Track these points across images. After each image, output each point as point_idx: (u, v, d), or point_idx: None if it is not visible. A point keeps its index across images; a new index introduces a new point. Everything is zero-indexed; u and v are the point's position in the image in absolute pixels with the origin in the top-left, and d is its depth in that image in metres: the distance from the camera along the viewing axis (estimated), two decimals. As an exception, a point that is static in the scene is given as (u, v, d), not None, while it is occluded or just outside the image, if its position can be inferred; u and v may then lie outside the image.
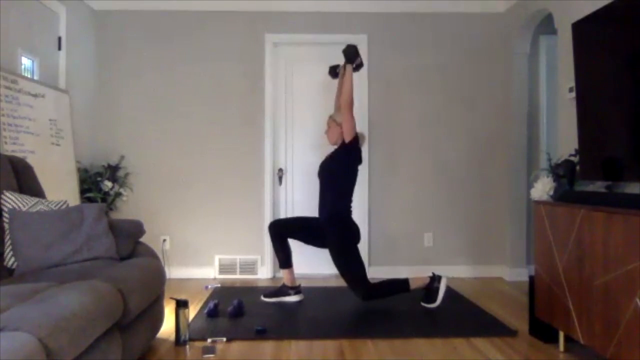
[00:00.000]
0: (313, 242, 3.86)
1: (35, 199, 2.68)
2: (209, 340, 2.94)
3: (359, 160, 3.76)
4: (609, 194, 2.67)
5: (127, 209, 4.62)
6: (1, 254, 2.51)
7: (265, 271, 4.73)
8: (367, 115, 4.77)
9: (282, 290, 3.83)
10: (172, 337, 2.96)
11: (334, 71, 4.09)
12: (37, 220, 2.54)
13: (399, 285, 3.64)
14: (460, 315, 3.46)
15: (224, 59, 4.77)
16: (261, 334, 3.06)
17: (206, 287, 4.17)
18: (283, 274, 3.87)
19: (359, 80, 4.77)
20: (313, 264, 4.69)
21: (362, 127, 4.77)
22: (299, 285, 3.87)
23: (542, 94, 4.82)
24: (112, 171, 4.45)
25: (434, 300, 3.59)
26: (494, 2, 4.76)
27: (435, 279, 3.63)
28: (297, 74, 4.86)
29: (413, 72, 4.81)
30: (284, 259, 3.83)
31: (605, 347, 2.32)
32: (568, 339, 2.80)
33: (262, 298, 3.83)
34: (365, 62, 4.76)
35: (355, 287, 3.62)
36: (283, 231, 3.81)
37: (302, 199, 4.77)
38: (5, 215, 2.53)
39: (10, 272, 2.48)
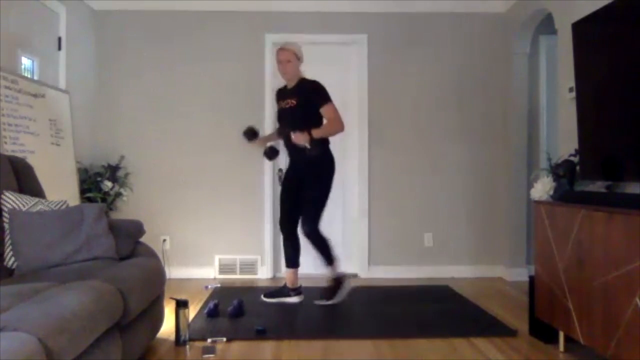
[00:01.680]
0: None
1: (35, 199, 2.68)
2: (209, 340, 2.94)
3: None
4: (609, 194, 2.67)
5: (127, 209, 4.62)
6: (1, 254, 2.51)
7: (265, 271, 4.73)
8: (367, 114, 4.77)
9: (283, 291, 3.83)
10: (172, 337, 2.96)
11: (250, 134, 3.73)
12: (37, 220, 2.54)
13: (330, 254, 3.72)
14: (460, 315, 3.46)
15: (224, 59, 4.77)
16: (261, 334, 3.06)
17: (206, 287, 4.17)
18: (287, 273, 3.86)
19: (359, 80, 4.78)
20: (314, 263, 4.68)
21: (362, 126, 4.79)
22: (300, 286, 3.87)
23: (542, 94, 4.81)
24: (112, 171, 4.45)
25: (331, 297, 3.67)
26: (494, 2, 4.76)
27: (344, 278, 3.74)
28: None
29: (413, 72, 4.81)
30: (292, 258, 3.83)
31: (605, 347, 2.32)
32: (568, 339, 2.80)
33: (263, 298, 3.82)
34: (365, 61, 4.79)
35: (308, 221, 3.66)
36: (293, 225, 3.78)
37: (302, 199, 4.76)
38: (5, 215, 2.53)
39: (10, 272, 2.48)
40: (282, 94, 3.83)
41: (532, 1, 4.24)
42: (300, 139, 3.50)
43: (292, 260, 3.84)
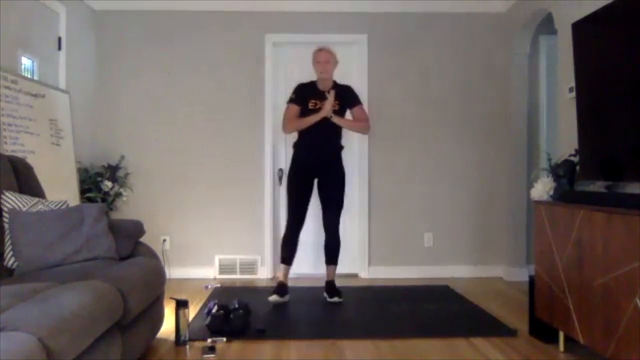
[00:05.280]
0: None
1: (35, 199, 2.68)
2: (209, 340, 2.94)
3: None
4: (609, 194, 2.67)
5: (127, 209, 4.62)
6: (1, 254, 2.51)
7: (265, 271, 4.73)
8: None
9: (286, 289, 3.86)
10: (172, 337, 2.96)
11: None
12: (37, 220, 2.54)
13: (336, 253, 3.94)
14: (460, 315, 3.46)
15: (224, 59, 4.77)
16: (261, 334, 3.06)
17: (206, 287, 4.16)
18: (286, 270, 3.91)
19: (359, 79, 4.78)
20: (313, 263, 4.69)
21: (362, 127, 4.78)
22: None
23: (542, 94, 4.81)
24: (112, 171, 4.45)
25: (339, 294, 3.81)
26: (494, 2, 4.76)
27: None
28: (297, 74, 4.84)
29: (413, 72, 4.81)
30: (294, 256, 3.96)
31: (605, 347, 2.32)
32: (568, 339, 2.80)
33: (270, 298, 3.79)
34: (365, 61, 4.80)
35: (339, 216, 3.91)
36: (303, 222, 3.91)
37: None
38: (5, 215, 2.53)
39: (10, 272, 2.48)
40: (311, 92, 3.88)
41: (532, 1, 4.24)
42: (329, 108, 3.73)
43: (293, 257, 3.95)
